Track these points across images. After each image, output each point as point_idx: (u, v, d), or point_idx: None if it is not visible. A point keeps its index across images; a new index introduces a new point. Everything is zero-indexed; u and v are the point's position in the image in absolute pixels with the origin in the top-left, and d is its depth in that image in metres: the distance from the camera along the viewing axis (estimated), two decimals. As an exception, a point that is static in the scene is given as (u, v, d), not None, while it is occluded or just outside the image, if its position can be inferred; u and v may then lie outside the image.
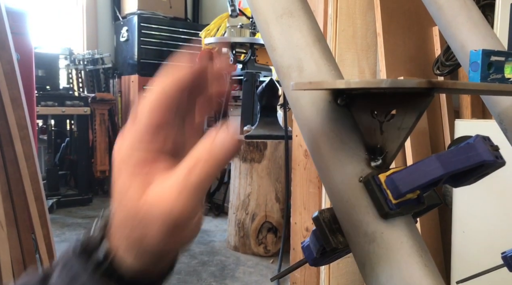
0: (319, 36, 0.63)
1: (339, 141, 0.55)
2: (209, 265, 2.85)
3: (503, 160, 0.52)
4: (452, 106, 2.10)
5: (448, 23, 0.94)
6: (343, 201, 0.54)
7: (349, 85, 0.46)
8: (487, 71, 0.60)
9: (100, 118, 4.75)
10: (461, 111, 2.04)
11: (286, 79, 0.61)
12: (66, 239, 3.40)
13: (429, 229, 1.82)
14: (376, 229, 0.51)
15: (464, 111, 2.00)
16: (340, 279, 1.95)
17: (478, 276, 1.08)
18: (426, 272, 0.49)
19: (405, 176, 0.50)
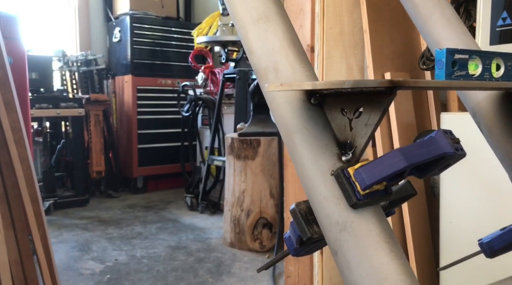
0: (294, 40, 0.67)
1: (313, 138, 0.59)
2: (205, 262, 2.89)
3: (464, 152, 0.56)
4: (439, 100, 2.14)
5: (423, 21, 0.98)
6: (316, 194, 0.58)
7: (315, 86, 0.49)
8: (451, 69, 0.64)
9: (95, 119, 4.78)
10: (448, 104, 2.08)
11: (263, 81, 0.65)
12: (63, 240, 3.43)
13: (418, 220, 1.86)
14: (347, 218, 0.55)
15: (451, 104, 2.05)
16: (332, 271, 2.00)
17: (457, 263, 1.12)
18: (393, 257, 0.53)
19: (371, 169, 0.54)
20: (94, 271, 2.80)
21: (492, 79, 0.70)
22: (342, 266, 0.56)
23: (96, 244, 3.34)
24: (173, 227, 3.71)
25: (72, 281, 2.65)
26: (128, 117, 5.01)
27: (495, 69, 0.70)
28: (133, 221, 3.96)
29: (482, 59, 0.68)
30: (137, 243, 3.33)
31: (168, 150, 5.09)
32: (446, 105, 2.10)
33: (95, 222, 3.95)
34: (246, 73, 3.69)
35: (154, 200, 4.76)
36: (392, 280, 0.51)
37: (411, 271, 0.53)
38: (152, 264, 2.87)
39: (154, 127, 5.05)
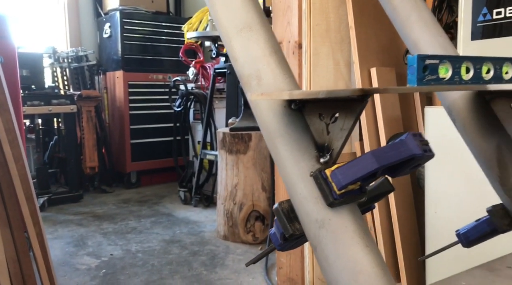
0: (276, 48, 0.71)
1: (293, 141, 0.64)
2: (199, 255, 2.94)
3: (432, 153, 0.60)
4: (424, 94, 2.19)
5: (402, 23, 1.02)
6: (297, 193, 0.62)
7: (292, 96, 0.53)
8: (423, 74, 0.68)
9: (87, 115, 4.79)
10: (434, 98, 2.14)
11: (247, 87, 0.69)
12: (58, 236, 3.46)
13: (404, 211, 1.92)
14: (325, 216, 0.59)
15: (436, 98, 2.10)
16: (323, 262, 2.06)
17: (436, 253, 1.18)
18: (367, 251, 0.58)
19: (346, 170, 0.58)
20: (90, 266, 2.84)
21: (462, 81, 0.74)
22: (321, 260, 0.60)
23: (91, 239, 3.38)
24: (167, 221, 3.76)
25: (68, 276, 2.69)
26: (120, 113, 5.03)
27: (464, 72, 0.75)
28: (127, 215, 4.00)
29: (452, 63, 0.73)
30: (132, 237, 3.37)
31: (160, 145, 5.12)
32: (431, 98, 2.16)
33: (89, 217, 3.98)
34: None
35: (148, 194, 4.80)
36: (366, 273, 0.56)
37: (384, 264, 0.58)
38: (147, 258, 2.92)
39: (146, 122, 5.07)
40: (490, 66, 0.78)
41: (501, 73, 0.80)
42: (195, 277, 2.58)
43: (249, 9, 0.72)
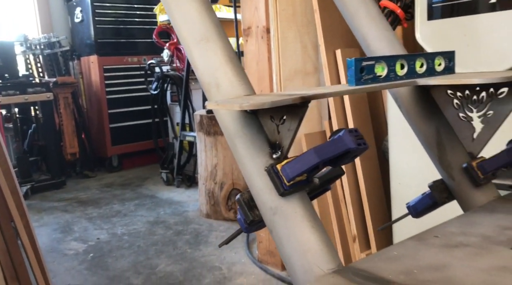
0: (232, 57, 0.80)
1: (249, 141, 0.73)
2: (183, 234, 3.06)
3: (366, 146, 0.71)
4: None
5: (351, 17, 1.11)
6: (254, 185, 0.73)
7: (242, 107, 0.63)
8: (360, 74, 0.78)
9: (64, 102, 4.79)
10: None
11: (207, 94, 0.79)
12: (44, 224, 3.53)
13: (371, 183, 2.05)
14: (277, 204, 0.70)
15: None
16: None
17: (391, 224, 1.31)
18: (313, 232, 0.68)
19: (293, 165, 0.68)
20: (78, 251, 2.94)
21: (397, 77, 0.85)
22: (276, 242, 0.71)
23: (77, 224, 3.47)
24: (151, 203, 3.85)
25: (57, 262, 2.78)
26: (97, 98, 5.04)
27: (399, 69, 0.85)
28: (111, 199, 4.08)
29: (387, 62, 0.83)
30: (117, 221, 3.46)
31: (140, 128, 5.16)
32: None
33: (74, 203, 4.06)
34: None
35: (130, 177, 4.87)
36: (313, 250, 0.67)
37: (329, 242, 0.69)
38: (133, 240, 3.02)
39: (124, 105, 5.09)
40: (423, 61, 0.89)
41: (434, 66, 0.91)
42: (180, 256, 2.70)
43: (206, 22, 0.80)
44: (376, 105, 2.18)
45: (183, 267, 2.54)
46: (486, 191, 0.94)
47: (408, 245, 0.73)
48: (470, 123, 0.96)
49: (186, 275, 2.43)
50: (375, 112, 2.17)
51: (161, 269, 2.53)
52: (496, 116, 0.92)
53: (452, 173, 0.96)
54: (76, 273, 2.59)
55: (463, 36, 1.73)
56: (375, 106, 2.18)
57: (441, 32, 1.82)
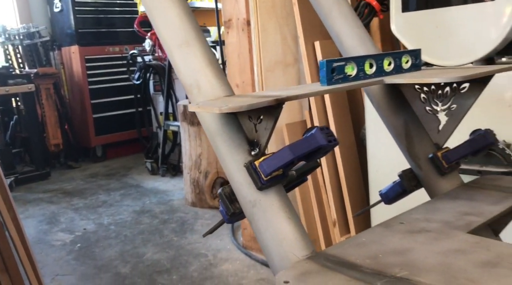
0: (212, 60, 0.85)
1: (230, 139, 0.79)
2: (169, 223, 3.11)
3: (336, 142, 0.77)
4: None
5: (325, 16, 1.17)
6: (235, 180, 0.79)
7: (221, 111, 0.68)
8: (331, 75, 0.84)
9: (46, 93, 4.77)
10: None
11: (189, 95, 0.84)
12: (30, 215, 3.55)
13: (350, 170, 2.13)
14: (256, 198, 0.76)
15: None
16: (282, 221, 2.26)
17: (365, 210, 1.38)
18: (289, 223, 0.75)
19: (270, 162, 0.74)
20: (65, 242, 2.98)
21: (366, 76, 0.91)
22: (255, 232, 0.77)
23: (63, 215, 3.50)
24: (136, 192, 3.90)
25: (45, 253, 2.82)
26: (79, 88, 5.02)
27: (368, 68, 0.91)
28: (96, 190, 4.11)
29: (356, 62, 0.89)
30: (103, 211, 3.50)
31: (123, 117, 5.17)
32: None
33: (59, 194, 4.07)
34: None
35: (115, 167, 4.89)
36: (289, 239, 0.73)
37: (304, 231, 0.76)
38: (120, 230, 3.07)
39: (107, 95, 5.09)
40: (390, 59, 0.95)
41: (401, 64, 0.97)
42: (166, 244, 2.76)
43: (186, 27, 0.85)
44: (355, 95, 2.25)
45: (169, 255, 2.60)
46: (450, 179, 1.01)
47: (376, 231, 0.80)
48: (435, 116, 1.03)
49: (173, 263, 2.50)
50: (354, 101, 2.24)
51: (148, 258, 2.59)
52: (459, 109, 0.99)
53: (420, 163, 1.03)
54: (64, 264, 2.64)
55: (435, 28, 1.80)
56: (353, 95, 2.24)
57: (414, 24, 1.88)
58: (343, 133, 2.14)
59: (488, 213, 0.84)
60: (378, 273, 0.64)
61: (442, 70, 0.98)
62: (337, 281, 0.63)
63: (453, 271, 0.63)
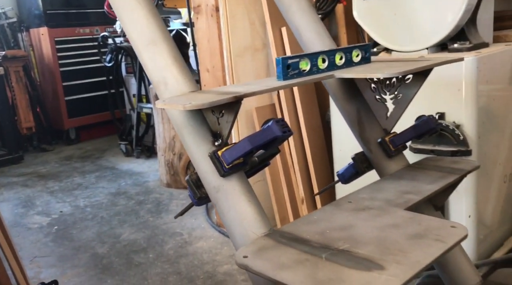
0: (177, 58, 0.93)
1: (195, 131, 0.88)
2: (145, 203, 3.19)
3: (290, 133, 0.86)
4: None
5: (285, 11, 1.25)
6: (200, 168, 0.87)
7: (185, 108, 0.76)
8: (287, 71, 0.93)
9: (16, 75, 4.72)
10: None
11: (157, 91, 0.92)
12: (5, 199, 3.57)
13: (317, 150, 2.24)
14: (219, 184, 0.85)
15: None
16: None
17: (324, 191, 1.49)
18: (249, 205, 0.84)
19: (231, 151, 0.83)
20: (42, 225, 3.03)
21: (319, 71, 1.00)
22: (219, 213, 0.87)
23: (38, 199, 3.53)
24: (112, 175, 3.95)
25: (22, 236, 2.87)
26: (50, 70, 4.97)
27: (321, 63, 1.00)
28: (71, 172, 4.14)
29: (310, 58, 0.98)
30: (79, 193, 3.55)
31: (96, 99, 5.16)
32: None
33: (34, 177, 4.09)
34: (163, 20, 3.78)
35: (89, 149, 4.91)
36: (249, 220, 0.83)
37: (262, 212, 0.85)
38: (96, 212, 3.13)
39: (78, 78, 5.06)
40: (342, 54, 1.04)
41: (352, 58, 1.07)
42: (142, 224, 2.85)
43: (153, 27, 0.92)
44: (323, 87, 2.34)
45: (146, 234, 2.69)
46: (397, 161, 1.12)
47: (326, 210, 0.91)
48: (384, 104, 1.14)
49: (149, 242, 2.59)
50: (320, 86, 2.33)
51: (124, 238, 2.68)
52: (405, 97, 1.09)
53: (370, 147, 1.14)
54: (42, 246, 2.70)
55: (394, 15, 1.90)
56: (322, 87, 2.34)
57: (375, 10, 1.97)
58: (310, 116, 2.24)
59: (425, 191, 0.96)
60: (324, 246, 0.75)
61: (389, 63, 1.08)
62: (288, 254, 0.73)
63: (387, 243, 0.74)
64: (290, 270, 0.68)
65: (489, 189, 1.85)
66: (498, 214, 1.94)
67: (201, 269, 2.23)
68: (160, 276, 2.20)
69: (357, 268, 0.67)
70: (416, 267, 0.67)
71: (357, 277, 0.65)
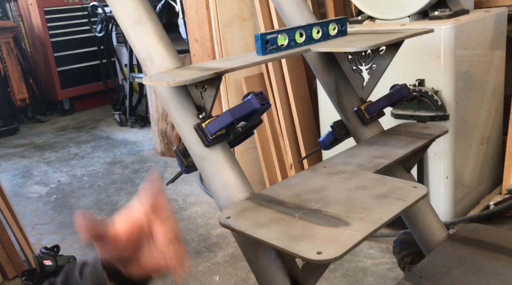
0: (162, 36, 0.99)
1: (180, 105, 0.95)
2: (141, 172, 3.28)
3: (269, 105, 0.93)
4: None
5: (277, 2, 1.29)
6: (186, 139, 0.95)
7: (169, 84, 0.83)
8: (266, 46, 0.99)
9: (6, 47, 4.70)
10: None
11: (144, 67, 0.99)
12: (3, 170, 3.65)
13: (304, 118, 2.31)
14: (204, 153, 0.93)
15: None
16: (245, 166, 2.46)
17: (307, 156, 1.57)
18: (232, 172, 0.93)
19: (214, 124, 0.91)
20: (41, 194, 3.12)
21: (297, 45, 1.06)
22: (205, 180, 0.95)
23: (36, 169, 3.61)
24: (107, 144, 4.02)
25: (22, 205, 2.97)
26: (41, 41, 4.96)
27: (298, 37, 1.06)
28: (67, 143, 4.20)
29: (287, 33, 1.04)
30: (75, 163, 3.63)
31: (88, 69, 5.17)
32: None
33: (30, 148, 4.16)
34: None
35: (83, 120, 4.96)
36: (232, 185, 0.91)
37: (245, 178, 0.93)
38: (93, 181, 3.23)
39: (70, 48, 5.05)
40: (318, 28, 1.10)
41: (329, 31, 1.13)
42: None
43: (139, 7, 0.98)
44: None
45: (142, 201, 2.79)
46: (372, 128, 1.20)
47: (303, 174, 0.99)
48: (360, 74, 1.21)
49: (146, 208, 2.69)
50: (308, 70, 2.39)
51: (122, 205, 2.78)
52: (379, 68, 1.16)
53: (347, 115, 1.22)
54: (42, 214, 2.80)
55: (377, -16, 1.94)
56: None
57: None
58: (297, 85, 2.30)
59: (394, 155, 1.04)
60: (298, 207, 0.84)
61: (363, 36, 1.14)
62: (266, 214, 0.82)
63: (354, 203, 0.83)
64: (266, 228, 0.77)
65: (467, 151, 1.95)
66: (476, 175, 2.04)
67: (196, 232, 2.34)
68: (157, 240, 2.31)
69: (326, 225, 0.76)
70: (377, 223, 0.76)
71: (325, 232, 0.74)
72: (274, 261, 0.84)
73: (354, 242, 0.71)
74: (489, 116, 2.06)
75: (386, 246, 1.95)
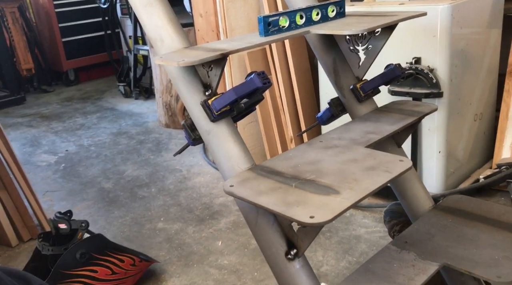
0: (172, 18, 1.06)
1: (188, 83, 1.03)
2: (146, 143, 3.38)
3: (270, 84, 1.02)
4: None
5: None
6: (194, 114, 1.04)
7: (179, 64, 0.91)
8: (268, 27, 1.07)
9: (12, 17, 4.74)
10: None
11: (155, 47, 1.06)
12: (12, 139, 3.75)
13: (305, 94, 2.39)
14: (210, 127, 1.02)
15: None
16: (247, 139, 2.55)
17: (306, 131, 1.66)
18: (235, 145, 1.02)
19: (219, 100, 0.99)
20: (50, 162, 3.23)
21: (297, 26, 1.13)
22: (211, 152, 1.04)
23: (44, 138, 3.71)
24: (112, 115, 4.11)
25: (33, 172, 3.08)
26: (45, 11, 4.98)
27: (299, 19, 1.13)
28: (73, 113, 4.29)
29: (288, 15, 1.11)
30: (82, 133, 3.73)
31: (93, 40, 5.21)
32: None
33: (37, 118, 4.25)
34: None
35: (88, 90, 5.03)
36: (235, 157, 1.01)
37: (247, 151, 1.02)
38: (100, 150, 3.33)
39: (74, 18, 5.08)
40: (318, 10, 1.17)
41: (327, 13, 1.20)
42: (144, 162, 3.05)
43: (150, -10, 1.05)
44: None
45: (148, 171, 2.90)
46: (366, 105, 1.28)
47: (301, 148, 1.08)
48: (357, 54, 1.28)
49: (151, 178, 2.80)
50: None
51: (128, 174, 2.89)
52: (374, 49, 1.24)
53: (344, 93, 1.30)
54: (52, 182, 2.91)
55: (378, -38, 1.98)
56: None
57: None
58: (299, 60, 2.37)
59: (385, 131, 1.13)
60: (295, 177, 0.93)
61: (360, 18, 1.21)
62: (266, 184, 0.91)
63: (345, 174, 0.92)
64: (266, 195, 0.86)
65: (460, 127, 2.03)
66: (468, 150, 2.13)
67: (199, 201, 2.45)
68: (162, 208, 2.42)
69: (319, 193, 0.85)
70: (364, 192, 0.85)
71: (318, 199, 0.83)
72: (273, 225, 0.94)
73: (343, 208, 0.80)
74: (483, 93, 2.13)
75: (380, 216, 2.06)
